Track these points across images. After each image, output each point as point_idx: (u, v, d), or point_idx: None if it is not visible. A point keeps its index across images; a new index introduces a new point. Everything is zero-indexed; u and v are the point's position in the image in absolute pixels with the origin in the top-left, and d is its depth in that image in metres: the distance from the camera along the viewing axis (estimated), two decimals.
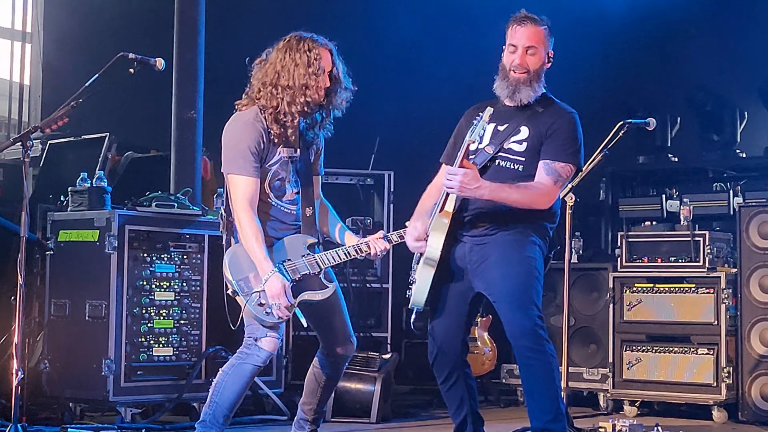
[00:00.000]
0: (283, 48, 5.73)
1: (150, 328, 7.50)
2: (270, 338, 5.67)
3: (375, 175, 9.78)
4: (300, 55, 5.66)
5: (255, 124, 5.68)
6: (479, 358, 8.97)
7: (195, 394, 7.64)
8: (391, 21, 11.04)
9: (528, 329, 5.36)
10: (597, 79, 10.46)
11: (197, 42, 8.76)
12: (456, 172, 5.33)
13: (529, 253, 5.51)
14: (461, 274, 5.62)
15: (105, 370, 7.26)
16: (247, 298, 5.65)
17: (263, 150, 5.68)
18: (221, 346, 7.72)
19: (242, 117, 5.75)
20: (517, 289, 5.43)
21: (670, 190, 9.67)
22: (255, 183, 5.65)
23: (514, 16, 5.71)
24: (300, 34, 5.76)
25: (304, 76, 5.64)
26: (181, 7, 8.80)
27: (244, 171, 5.64)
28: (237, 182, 5.65)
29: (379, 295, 9.69)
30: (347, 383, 7.88)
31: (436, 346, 5.69)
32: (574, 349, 8.72)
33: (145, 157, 9.29)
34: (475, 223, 5.58)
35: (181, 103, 8.66)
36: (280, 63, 5.69)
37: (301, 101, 5.66)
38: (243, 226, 5.63)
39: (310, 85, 5.65)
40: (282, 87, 5.66)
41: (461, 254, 5.61)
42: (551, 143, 5.55)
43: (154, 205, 7.59)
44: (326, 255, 5.76)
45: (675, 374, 8.31)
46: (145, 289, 7.49)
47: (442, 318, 5.67)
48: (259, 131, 5.67)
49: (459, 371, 5.70)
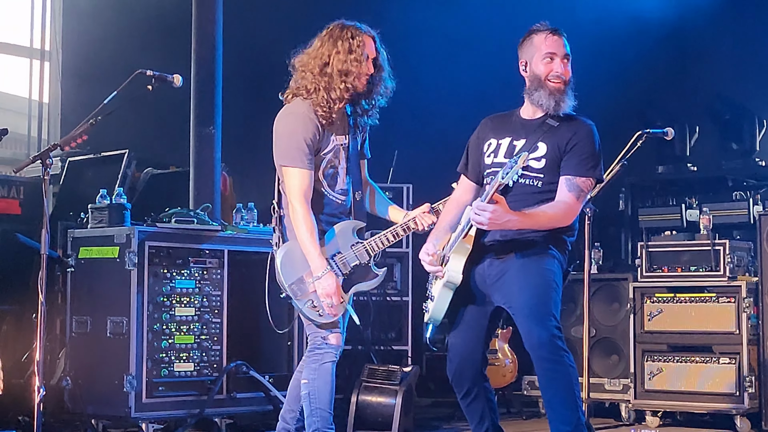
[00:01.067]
0: (326, 36, 5.79)
1: (171, 343, 7.51)
2: (335, 334, 5.75)
3: (394, 189, 9.79)
4: (342, 42, 5.71)
5: (308, 114, 5.71)
6: (500, 370, 8.96)
7: (217, 409, 7.65)
8: (408, 35, 11.06)
9: (546, 340, 5.34)
10: (615, 90, 10.44)
11: (215, 58, 8.78)
12: (485, 207, 5.24)
13: (547, 265, 5.49)
14: (481, 288, 5.59)
15: (126, 387, 7.27)
16: (300, 301, 5.70)
17: (318, 141, 5.71)
18: (242, 361, 7.74)
19: (295, 108, 5.77)
20: (535, 300, 5.41)
21: (689, 199, 9.65)
22: (310, 176, 5.69)
23: (542, 25, 5.63)
24: (343, 22, 5.81)
25: (344, 62, 5.68)
26: (198, 23, 8.83)
27: (300, 163, 5.66)
28: (293, 174, 5.68)
29: (399, 308, 9.70)
30: (368, 396, 7.88)
31: (455, 361, 5.67)
32: (596, 360, 8.71)
33: (165, 173, 9.33)
34: (495, 244, 5.56)
35: (200, 119, 8.69)
36: (322, 50, 5.75)
37: (341, 87, 5.70)
38: (298, 218, 5.66)
39: (351, 72, 5.70)
40: (323, 74, 5.70)
41: (480, 270, 5.58)
42: (572, 158, 5.50)
43: (173, 221, 7.61)
44: (375, 241, 5.83)
45: (697, 384, 8.28)
46: (166, 305, 7.50)
47: (461, 333, 5.65)
48: (314, 122, 5.70)
49: (479, 386, 5.68)
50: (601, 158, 5.59)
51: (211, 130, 8.66)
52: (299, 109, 5.75)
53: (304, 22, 10.72)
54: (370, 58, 5.77)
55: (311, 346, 5.81)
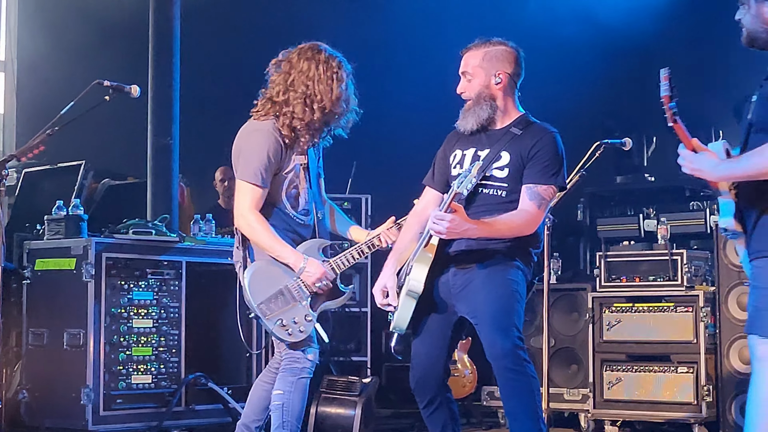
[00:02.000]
0: (311, 57, 5.80)
1: (128, 355, 7.46)
2: (314, 350, 5.80)
3: (352, 199, 9.79)
4: (330, 74, 5.76)
5: (273, 132, 5.73)
6: (460, 381, 8.95)
7: (175, 421, 7.61)
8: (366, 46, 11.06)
9: (508, 350, 5.34)
10: (574, 100, 10.47)
11: (173, 69, 8.76)
12: (443, 217, 5.25)
13: (511, 276, 5.49)
14: (445, 298, 5.58)
15: (84, 399, 7.22)
16: (269, 321, 5.70)
17: (280, 160, 5.73)
18: (201, 373, 7.70)
19: (260, 126, 5.78)
20: (498, 310, 5.41)
21: (647, 209, 9.68)
22: (264, 193, 5.72)
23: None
24: (327, 49, 5.85)
25: (339, 99, 5.77)
26: (156, 34, 8.81)
27: (258, 180, 5.69)
28: (248, 190, 5.71)
29: (358, 319, 9.68)
30: (328, 408, 7.85)
31: (418, 371, 5.66)
32: (555, 370, 8.71)
33: (122, 185, 9.27)
34: (459, 254, 5.56)
35: (157, 130, 8.66)
36: (312, 75, 5.76)
37: (316, 116, 5.74)
38: (256, 227, 5.70)
39: (337, 111, 5.78)
40: (313, 102, 5.73)
41: (445, 280, 5.57)
42: (533, 166, 5.49)
43: (131, 233, 7.58)
44: (340, 259, 5.85)
45: (655, 393, 8.30)
46: (123, 316, 7.45)
47: (425, 343, 5.64)
48: (279, 141, 5.72)
49: (441, 396, 5.67)
50: (563, 166, 5.59)
51: (168, 140, 8.64)
52: (265, 127, 5.76)
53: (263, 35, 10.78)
54: (345, 96, 5.82)
55: (288, 360, 5.79)
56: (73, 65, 10.51)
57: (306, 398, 5.82)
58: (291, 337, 5.70)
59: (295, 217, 5.85)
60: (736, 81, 10.30)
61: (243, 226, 5.74)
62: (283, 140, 5.73)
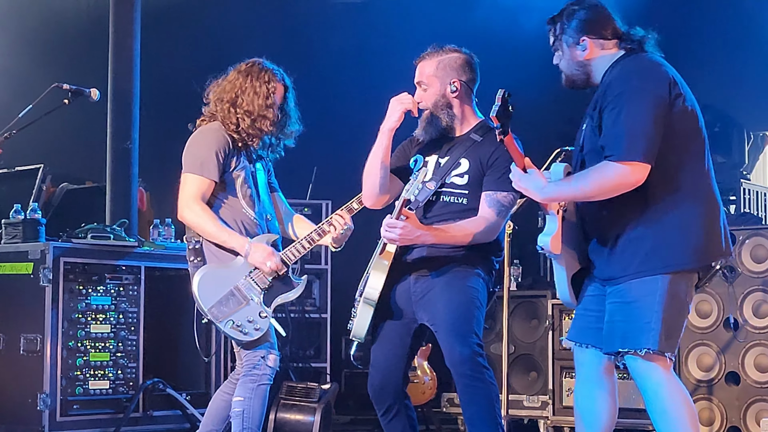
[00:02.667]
0: (245, 71, 5.91)
1: (86, 361, 7.42)
2: (273, 355, 5.81)
3: (313, 205, 9.76)
4: (260, 84, 5.86)
5: (220, 130, 5.82)
6: (419, 387, 8.95)
7: (133, 427, 7.56)
8: (327, 51, 11.06)
9: (467, 357, 5.34)
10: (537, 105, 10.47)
11: (132, 73, 8.71)
12: (395, 224, 5.27)
13: (471, 284, 5.48)
14: (405, 306, 5.57)
15: (40, 405, 7.16)
16: (221, 323, 5.70)
17: (228, 156, 5.81)
18: (159, 379, 7.66)
19: (206, 127, 5.90)
20: (457, 317, 5.40)
21: None
22: (210, 185, 5.76)
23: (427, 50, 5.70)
24: (263, 63, 5.95)
25: (262, 107, 5.83)
26: (116, 38, 8.76)
27: (204, 172, 5.75)
28: (192, 180, 5.76)
29: (318, 325, 9.67)
30: (287, 414, 7.83)
31: (377, 377, 5.64)
32: (515, 377, 8.72)
33: (81, 189, 9.22)
34: (419, 261, 5.55)
35: (117, 134, 8.61)
36: (241, 85, 5.87)
37: (257, 127, 5.84)
38: (200, 215, 5.74)
39: (259, 115, 5.83)
40: (240, 108, 5.83)
41: (405, 287, 5.56)
42: (493, 173, 5.49)
43: (89, 237, 7.53)
44: (290, 250, 5.87)
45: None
46: (81, 321, 7.41)
47: (383, 350, 5.62)
48: (225, 137, 5.80)
49: (400, 403, 5.66)
50: None
51: (128, 144, 8.59)
52: (212, 126, 5.88)
53: (223, 39, 10.75)
54: (277, 104, 5.91)
55: (248, 366, 5.79)
56: (32, 68, 10.44)
57: (266, 405, 5.82)
58: (247, 336, 5.70)
59: (248, 214, 5.87)
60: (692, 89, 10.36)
61: (187, 217, 5.77)
62: (231, 139, 5.82)
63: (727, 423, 7.79)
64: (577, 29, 4.91)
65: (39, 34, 10.91)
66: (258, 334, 5.72)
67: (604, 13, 4.96)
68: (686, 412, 4.77)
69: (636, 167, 4.59)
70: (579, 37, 4.91)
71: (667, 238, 4.71)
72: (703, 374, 7.95)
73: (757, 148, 10.47)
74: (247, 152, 5.91)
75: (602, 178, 4.65)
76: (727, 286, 7.83)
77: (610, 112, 4.67)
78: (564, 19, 4.95)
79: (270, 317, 5.78)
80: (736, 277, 7.81)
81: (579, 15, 4.92)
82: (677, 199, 4.72)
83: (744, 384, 7.74)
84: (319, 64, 10.86)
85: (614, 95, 4.69)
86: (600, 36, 4.90)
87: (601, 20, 4.93)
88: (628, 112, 4.63)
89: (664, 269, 4.71)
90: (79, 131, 10.02)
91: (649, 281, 4.71)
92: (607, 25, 4.92)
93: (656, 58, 4.89)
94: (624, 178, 4.61)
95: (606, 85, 4.79)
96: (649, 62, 4.84)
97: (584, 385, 5.08)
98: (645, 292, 4.72)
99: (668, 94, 4.71)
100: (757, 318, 7.75)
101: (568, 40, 4.94)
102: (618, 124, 4.63)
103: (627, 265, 4.76)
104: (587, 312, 5.03)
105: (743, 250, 7.81)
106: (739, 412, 7.74)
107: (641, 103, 4.65)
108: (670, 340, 4.74)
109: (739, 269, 7.80)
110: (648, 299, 4.72)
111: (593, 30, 4.90)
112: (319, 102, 10.34)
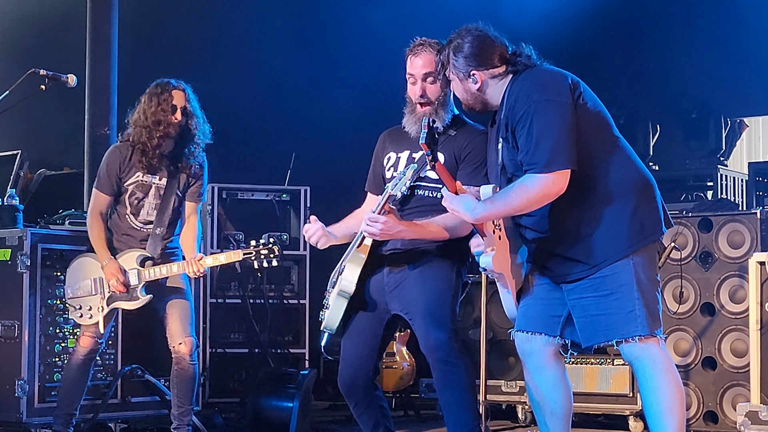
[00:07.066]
0: (146, 93, 6.75)
1: (64, 347, 7.40)
2: (86, 337, 6.83)
3: (291, 191, 9.74)
4: (154, 97, 6.68)
5: (116, 150, 6.82)
6: (397, 373, 8.97)
7: (111, 413, 7.57)
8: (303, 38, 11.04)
9: (443, 342, 5.37)
10: None
11: (110, 58, 8.69)
12: (377, 219, 5.32)
13: (446, 272, 5.51)
14: (377, 297, 5.60)
15: (18, 392, 7.15)
16: (69, 301, 6.91)
17: (120, 171, 6.75)
18: (137, 365, 7.65)
19: (112, 146, 6.96)
20: (432, 303, 5.43)
21: None
22: (105, 199, 6.79)
23: (414, 42, 5.57)
24: (160, 80, 6.75)
25: (155, 114, 6.64)
26: (93, 23, 8.73)
27: (97, 185, 6.82)
28: (93, 194, 6.85)
29: (296, 311, 9.66)
30: (265, 400, 7.83)
31: (347, 372, 5.67)
32: (492, 362, 8.73)
33: (58, 175, 9.19)
34: (394, 254, 5.57)
35: (94, 120, 8.59)
36: (142, 105, 6.73)
37: (156, 135, 6.66)
38: (88, 224, 6.81)
39: (162, 121, 6.63)
40: (142, 125, 6.68)
41: (379, 278, 5.59)
42: (466, 167, 5.50)
43: (67, 223, 7.53)
44: (152, 269, 6.72)
45: (592, 385, 8.34)
46: (59, 308, 7.39)
47: (354, 342, 5.65)
48: (118, 155, 6.77)
49: (370, 396, 5.69)
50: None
51: (105, 131, 8.58)
52: (112, 146, 6.94)
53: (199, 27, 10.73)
54: (179, 107, 6.67)
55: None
56: (9, 54, 10.40)
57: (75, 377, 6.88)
58: (80, 319, 6.83)
59: (132, 221, 6.82)
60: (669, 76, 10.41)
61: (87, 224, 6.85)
62: (129, 157, 6.75)
63: (704, 408, 7.83)
64: (465, 64, 4.97)
65: (15, 19, 10.86)
66: (89, 322, 6.79)
67: (487, 41, 4.99)
68: (678, 391, 4.91)
69: (557, 176, 4.71)
70: (468, 71, 4.97)
71: (614, 226, 4.85)
72: (680, 359, 7.97)
73: (734, 134, 10.53)
74: (150, 166, 6.73)
75: (526, 191, 4.74)
76: (704, 271, 7.87)
77: (521, 130, 4.77)
78: (451, 53, 5.00)
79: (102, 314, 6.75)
80: (713, 262, 7.84)
81: (464, 50, 4.97)
82: (610, 190, 4.84)
83: (720, 369, 7.78)
84: (295, 51, 10.84)
85: (521, 116, 4.79)
86: (488, 66, 4.97)
87: (485, 51, 4.97)
88: (538, 125, 4.73)
89: (626, 251, 4.86)
90: (56, 117, 10.00)
91: (620, 269, 4.86)
92: (493, 54, 4.97)
93: (549, 66, 4.99)
94: (547, 189, 4.72)
95: (510, 108, 4.86)
96: (543, 74, 4.93)
97: (537, 373, 5.19)
98: (620, 283, 4.86)
99: (571, 98, 4.82)
100: (733, 303, 7.77)
101: (459, 74, 5.00)
102: (531, 139, 4.73)
103: (588, 257, 4.88)
104: (537, 301, 5.13)
105: (720, 236, 7.83)
106: (715, 397, 7.78)
107: (546, 113, 4.75)
108: (654, 317, 4.93)
109: (716, 255, 7.83)
110: (624, 288, 4.86)
111: (481, 63, 4.96)
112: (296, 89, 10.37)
